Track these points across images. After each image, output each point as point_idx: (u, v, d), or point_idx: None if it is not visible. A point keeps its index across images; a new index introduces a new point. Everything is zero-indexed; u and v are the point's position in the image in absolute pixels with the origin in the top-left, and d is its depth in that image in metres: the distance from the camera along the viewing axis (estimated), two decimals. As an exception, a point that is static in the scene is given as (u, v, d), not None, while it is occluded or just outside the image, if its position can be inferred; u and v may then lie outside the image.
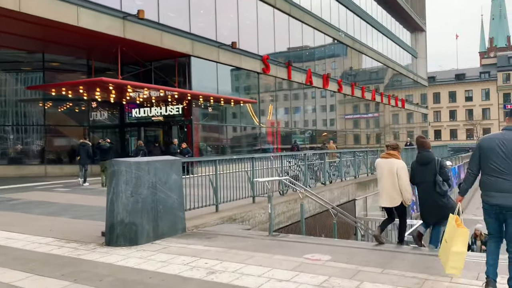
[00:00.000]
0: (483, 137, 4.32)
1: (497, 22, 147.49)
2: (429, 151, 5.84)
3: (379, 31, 39.15)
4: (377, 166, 6.06)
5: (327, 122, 30.55)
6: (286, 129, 24.84)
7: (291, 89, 25.31)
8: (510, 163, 3.99)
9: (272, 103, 23.31)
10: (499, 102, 66.77)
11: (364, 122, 37.65)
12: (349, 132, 34.10)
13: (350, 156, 12.36)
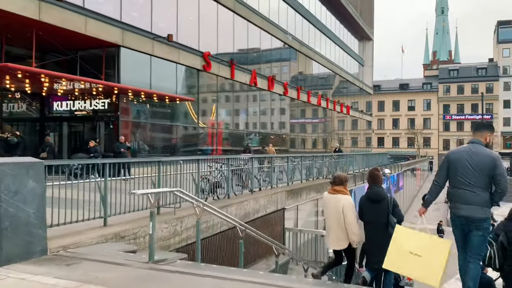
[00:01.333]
0: (451, 150, 4.40)
1: (440, 37, 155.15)
2: (382, 187, 5.21)
3: (328, 37, 39.22)
4: (323, 203, 5.54)
5: (276, 125, 30.00)
6: (232, 130, 23.92)
7: (242, 90, 24.50)
8: (477, 176, 4.02)
9: (215, 103, 22.27)
10: (439, 113, 69.64)
11: (312, 127, 37.56)
12: (297, 136, 33.80)
13: (283, 161, 11.60)
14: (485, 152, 4.18)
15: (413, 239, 4.17)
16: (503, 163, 4.22)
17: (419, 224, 4.44)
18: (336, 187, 5.46)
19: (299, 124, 34.96)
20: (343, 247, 5.31)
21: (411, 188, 39.83)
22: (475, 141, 4.26)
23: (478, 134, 4.36)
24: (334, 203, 5.32)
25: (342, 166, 17.75)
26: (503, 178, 4.11)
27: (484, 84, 67.49)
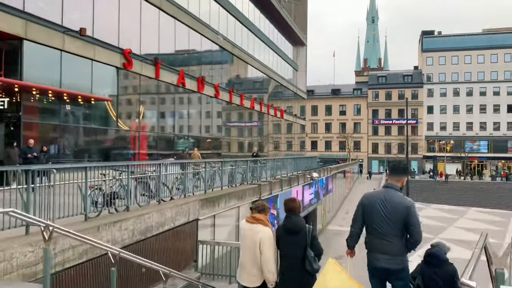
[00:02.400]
0: (365, 195, 4.13)
1: (371, 45, 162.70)
2: (299, 216, 4.63)
3: (262, 41, 39.04)
4: (240, 232, 4.97)
5: (210, 128, 29.12)
6: (160, 134, 22.68)
7: (172, 92, 23.31)
8: (392, 225, 3.84)
9: (140, 105, 20.95)
10: (368, 117, 72.38)
11: (247, 130, 37.17)
12: (232, 140, 33.15)
13: (201, 167, 10.81)
14: (399, 200, 3.96)
15: (340, 281, 3.79)
16: (416, 213, 4.08)
17: (349, 265, 4.28)
18: (256, 215, 4.80)
19: (235, 128, 34.42)
20: (256, 284, 4.65)
21: (341, 190, 40.65)
22: (390, 186, 4.03)
23: (394, 178, 4.12)
24: (252, 234, 4.69)
25: (268, 171, 17.29)
26: (416, 229, 3.96)
27: (410, 90, 71.14)
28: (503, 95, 67.70)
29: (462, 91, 69.53)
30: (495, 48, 68.78)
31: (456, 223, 35.68)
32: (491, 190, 51.26)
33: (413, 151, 69.08)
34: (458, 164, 67.04)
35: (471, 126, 68.81)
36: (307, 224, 4.79)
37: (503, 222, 37.08)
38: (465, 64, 70.14)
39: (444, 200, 48.78)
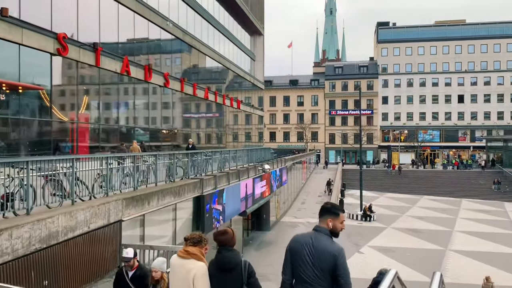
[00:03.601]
0: (293, 238, 3.83)
1: (329, 36, 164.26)
2: (234, 251, 3.96)
3: (218, 30, 37.84)
4: (170, 269, 4.17)
5: (166, 120, 27.79)
6: (105, 125, 21.21)
7: (122, 82, 21.78)
8: (318, 274, 3.51)
9: (81, 94, 19.44)
10: (325, 108, 72.83)
11: (205, 121, 36.09)
12: (189, 131, 31.98)
13: (129, 161, 9.83)
14: (326, 246, 3.53)
15: None
16: (344, 261, 3.64)
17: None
18: (190, 248, 4.06)
19: (192, 119, 33.26)
20: None
21: (296, 182, 40.48)
22: (319, 229, 3.64)
23: (321, 220, 3.70)
24: (183, 272, 3.95)
25: (215, 164, 16.46)
26: (344, 279, 3.48)
27: (365, 81, 72.08)
28: (454, 86, 69.88)
29: (416, 82, 71.20)
30: (447, 40, 70.77)
31: (409, 212, 36.35)
32: (442, 179, 52.82)
33: (368, 141, 70.27)
34: (412, 153, 68.81)
35: (424, 116, 70.67)
36: (243, 259, 4.08)
37: (453, 210, 38.14)
38: (419, 55, 71.78)
39: (398, 189, 49.77)
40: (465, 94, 69.43)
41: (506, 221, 33.48)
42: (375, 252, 22.50)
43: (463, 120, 69.47)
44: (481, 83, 69.07)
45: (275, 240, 24.21)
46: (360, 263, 20.11)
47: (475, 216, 35.19)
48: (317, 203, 37.45)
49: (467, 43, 70.14)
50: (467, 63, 70.12)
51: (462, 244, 24.86)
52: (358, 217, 32.00)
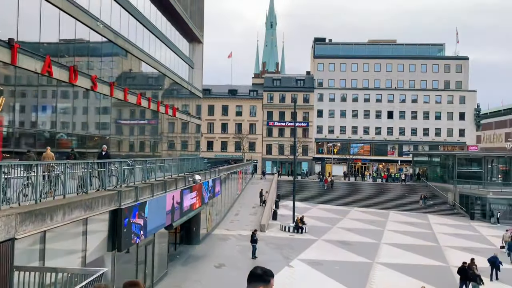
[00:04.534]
0: None
1: (270, 49, 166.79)
2: None
3: (153, 33, 36.53)
4: None
5: (96, 126, 25.95)
6: (24, 130, 19.29)
7: (45, 84, 19.92)
8: None
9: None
10: (263, 119, 73.29)
11: (139, 128, 34.45)
12: (122, 139, 30.23)
13: (40, 170, 8.70)
14: None
15: None
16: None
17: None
18: None
19: (125, 126, 31.58)
20: None
21: (231, 192, 39.93)
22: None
23: (250, 287, 3.28)
24: None
25: (139, 174, 15.46)
26: None
27: (302, 94, 73.56)
28: (384, 102, 73.30)
29: (349, 97, 73.83)
30: (378, 58, 74.32)
31: (339, 224, 37.04)
32: (372, 191, 54.77)
33: (304, 152, 71.58)
34: (344, 166, 70.96)
35: (356, 130, 73.36)
36: None
37: (381, 222, 39.44)
38: (352, 72, 74.66)
39: (330, 200, 50.83)
40: (394, 111, 73.07)
41: (429, 233, 35.11)
42: (305, 265, 22.41)
43: (392, 135, 72.99)
44: (409, 100, 73.07)
45: (204, 254, 23.39)
46: (288, 278, 19.87)
47: (401, 228, 36.60)
48: (250, 215, 37.13)
49: (397, 62, 74.11)
50: (397, 81, 74.01)
51: (388, 257, 25.54)
52: (290, 229, 32.03)
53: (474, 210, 44.68)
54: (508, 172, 52.17)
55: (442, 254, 27.18)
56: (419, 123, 72.76)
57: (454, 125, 72.46)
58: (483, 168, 50.87)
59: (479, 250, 27.98)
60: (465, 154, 58.06)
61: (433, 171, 59.39)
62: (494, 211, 42.53)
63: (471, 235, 34.77)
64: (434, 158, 61.27)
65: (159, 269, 17.88)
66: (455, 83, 73.15)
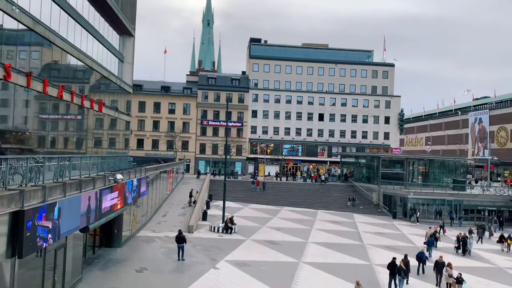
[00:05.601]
0: None
1: (206, 47, 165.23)
2: None
3: (78, 23, 34.21)
4: None
5: (14, 120, 23.53)
6: None
7: None
8: None
9: None
10: (197, 118, 72.16)
11: (64, 124, 32.00)
12: (44, 134, 27.77)
13: None
14: None
15: None
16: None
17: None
18: None
19: (48, 121, 29.14)
20: None
21: (160, 192, 38.62)
22: None
23: None
24: None
25: (50, 172, 14.12)
26: None
27: (237, 94, 73.43)
28: (315, 105, 75.28)
29: (283, 98, 74.92)
30: (311, 62, 76.17)
31: (269, 223, 37.17)
32: (302, 191, 55.84)
33: (237, 152, 71.46)
34: (276, 166, 71.89)
35: (288, 131, 74.61)
36: None
37: (310, 221, 40.17)
38: (286, 74, 75.83)
39: (261, 200, 51.05)
40: (325, 113, 75.31)
41: (354, 232, 36.27)
42: (231, 267, 22.01)
43: (322, 137, 75.15)
44: (339, 104, 75.68)
45: (126, 258, 22.15)
46: (212, 281, 19.34)
47: (328, 227, 37.50)
48: (179, 215, 36.11)
49: (329, 66, 76.41)
50: (328, 84, 76.27)
51: (314, 256, 25.88)
52: (220, 230, 31.52)
53: (396, 210, 47.03)
54: (427, 173, 55.61)
55: (365, 252, 28.08)
56: (347, 126, 75.60)
57: (379, 129, 76.12)
58: (405, 170, 53.79)
59: (400, 248, 29.27)
60: (389, 156, 61.14)
61: (359, 172, 61.87)
62: (413, 210, 45.05)
63: (393, 234, 36.43)
64: (360, 159, 63.86)
65: (73, 274, 16.55)
66: (381, 88, 76.86)
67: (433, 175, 55.08)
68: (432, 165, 56.08)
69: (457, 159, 62.32)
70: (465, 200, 46.47)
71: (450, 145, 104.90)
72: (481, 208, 46.55)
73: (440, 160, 58.33)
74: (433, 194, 47.29)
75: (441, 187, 50.48)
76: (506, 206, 46.38)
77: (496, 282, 22.43)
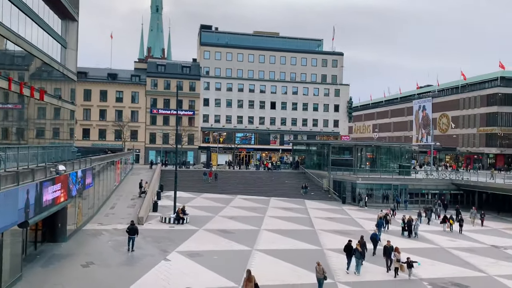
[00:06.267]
0: None
1: (155, 34, 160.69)
2: None
3: (13, 4, 31.88)
4: None
5: None
6: None
7: None
8: None
9: None
10: (146, 106, 70.20)
11: (2, 113, 29.74)
12: None
13: None
14: None
15: None
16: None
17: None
18: None
19: None
20: None
21: (107, 184, 37.23)
22: None
23: None
24: None
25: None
26: None
27: (188, 82, 72.10)
28: (267, 93, 75.44)
29: (235, 86, 74.46)
30: (263, 50, 76.05)
31: (222, 212, 36.91)
32: (254, 179, 55.98)
33: (189, 141, 70.41)
34: (229, 155, 71.57)
35: (241, 120, 74.41)
36: None
37: (263, 208, 40.33)
38: (238, 62, 75.31)
39: (214, 189, 50.65)
40: (277, 101, 75.70)
41: (306, 218, 36.82)
42: (183, 258, 21.57)
43: (275, 125, 75.62)
44: (290, 92, 76.29)
45: (71, 253, 21.09)
46: (163, 273, 18.84)
47: (280, 214, 37.82)
48: (128, 207, 35.01)
49: (280, 55, 76.67)
50: (279, 73, 76.61)
51: (267, 243, 25.96)
52: (171, 220, 30.88)
53: (345, 195, 48.28)
54: (375, 159, 57.46)
55: (317, 238, 28.55)
56: (299, 114, 76.48)
57: (329, 116, 77.65)
58: (353, 156, 55.24)
59: (349, 232, 30.03)
60: (338, 143, 62.61)
61: (311, 159, 62.91)
62: (362, 195, 46.45)
63: (343, 218, 37.35)
64: (311, 147, 64.91)
65: (11, 273, 15.48)
66: (331, 77, 78.22)
67: (380, 161, 56.99)
68: (379, 151, 57.98)
69: (402, 145, 64.88)
70: (410, 184, 48.50)
71: (396, 132, 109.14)
72: (425, 192, 48.80)
73: (386, 147, 60.41)
74: (380, 179, 48.93)
75: (387, 172, 52.33)
76: (448, 189, 48.90)
77: (440, 262, 23.53)
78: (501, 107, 76.88)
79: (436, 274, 20.75)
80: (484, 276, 21.24)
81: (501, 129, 76.83)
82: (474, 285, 19.47)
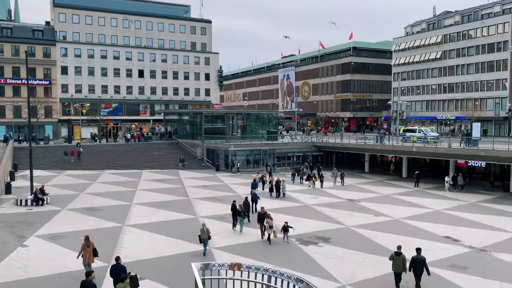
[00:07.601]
0: None
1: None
2: None
3: None
4: None
5: None
6: None
7: None
8: None
9: None
10: (-9, 76, 61.07)
11: None
12: None
13: None
14: None
15: None
16: None
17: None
18: None
19: None
20: None
21: None
22: None
23: None
24: None
25: None
26: None
27: (41, 47, 64.51)
28: (134, 61, 71.46)
29: (97, 53, 68.83)
30: (127, 14, 71.23)
31: (88, 189, 34.43)
32: (124, 152, 53.33)
33: (47, 114, 63.63)
34: (95, 128, 66.56)
35: (106, 90, 69.57)
36: None
37: (134, 182, 38.72)
38: (99, 26, 69.51)
39: (78, 166, 46.98)
40: (145, 70, 72.33)
41: (180, 188, 36.46)
42: (43, 242, 19.56)
43: (144, 94, 72.46)
44: (159, 60, 73.41)
45: None
46: (20, 261, 16.86)
47: (153, 186, 36.78)
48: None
49: (146, 20, 72.80)
50: (146, 39, 73.00)
51: (139, 217, 25.03)
52: (28, 202, 27.74)
53: (219, 162, 49.02)
54: (245, 127, 59.17)
55: (191, 206, 28.49)
56: (169, 83, 74.36)
57: (201, 85, 77.11)
58: (225, 125, 56.05)
59: (223, 198, 30.60)
60: (211, 112, 62.82)
61: (183, 129, 62.13)
62: (234, 162, 47.66)
63: (217, 185, 37.92)
64: (183, 116, 63.99)
65: None
66: (200, 45, 77.22)
67: (250, 128, 58.87)
68: (249, 119, 59.76)
69: (270, 112, 67.93)
70: (277, 149, 51.25)
71: (264, 100, 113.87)
72: (290, 155, 52.11)
73: (255, 114, 62.56)
74: (250, 145, 50.69)
75: (257, 138, 54.41)
76: (310, 151, 52.96)
77: (306, 218, 25.42)
78: (354, 75, 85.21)
79: (302, 230, 22.33)
80: (343, 227, 23.58)
81: (354, 95, 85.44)
82: (334, 236, 21.48)
